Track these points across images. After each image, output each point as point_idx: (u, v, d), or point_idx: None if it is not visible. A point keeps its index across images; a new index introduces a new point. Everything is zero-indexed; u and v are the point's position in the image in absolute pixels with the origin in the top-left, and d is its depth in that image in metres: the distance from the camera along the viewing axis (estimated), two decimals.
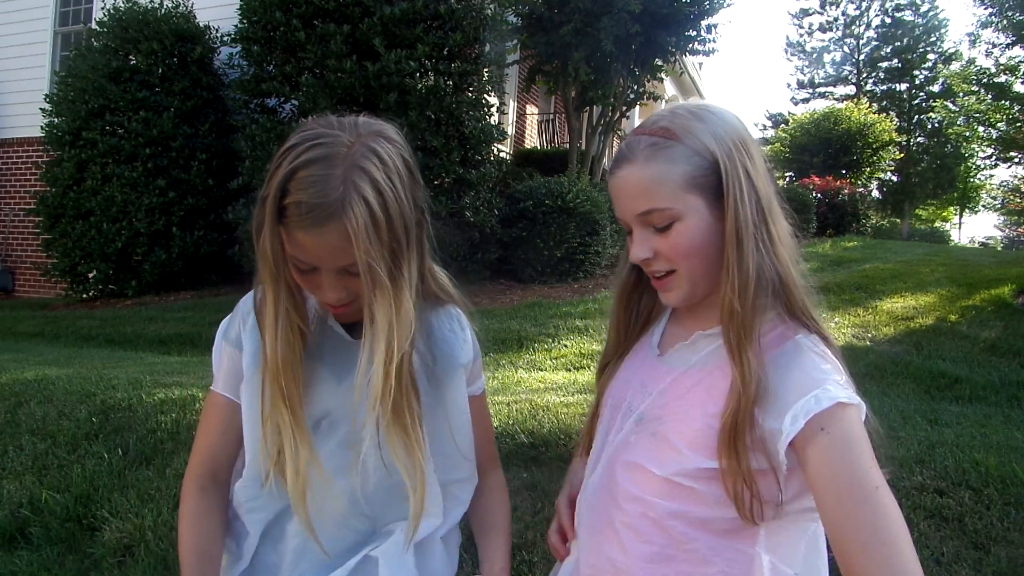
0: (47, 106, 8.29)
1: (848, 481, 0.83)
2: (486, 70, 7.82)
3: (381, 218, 0.93)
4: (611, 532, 0.99)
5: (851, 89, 30.31)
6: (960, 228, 37.90)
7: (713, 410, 0.93)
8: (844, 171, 17.54)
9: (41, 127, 8.34)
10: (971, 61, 19.55)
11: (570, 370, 4.74)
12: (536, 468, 2.68)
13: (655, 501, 0.95)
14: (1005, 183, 30.27)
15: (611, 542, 0.99)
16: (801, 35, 32.23)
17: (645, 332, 1.12)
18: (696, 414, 0.95)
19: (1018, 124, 15.23)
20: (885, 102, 28.20)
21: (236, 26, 7.54)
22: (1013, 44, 14.53)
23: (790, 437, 0.86)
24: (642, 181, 0.93)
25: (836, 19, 30.87)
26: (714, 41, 9.80)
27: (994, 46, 16.44)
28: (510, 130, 11.90)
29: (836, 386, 0.88)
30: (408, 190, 0.98)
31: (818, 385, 0.88)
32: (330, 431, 1.07)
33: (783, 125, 23.63)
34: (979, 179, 29.60)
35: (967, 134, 21.74)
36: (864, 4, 30.06)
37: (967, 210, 33.40)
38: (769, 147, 22.45)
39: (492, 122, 7.76)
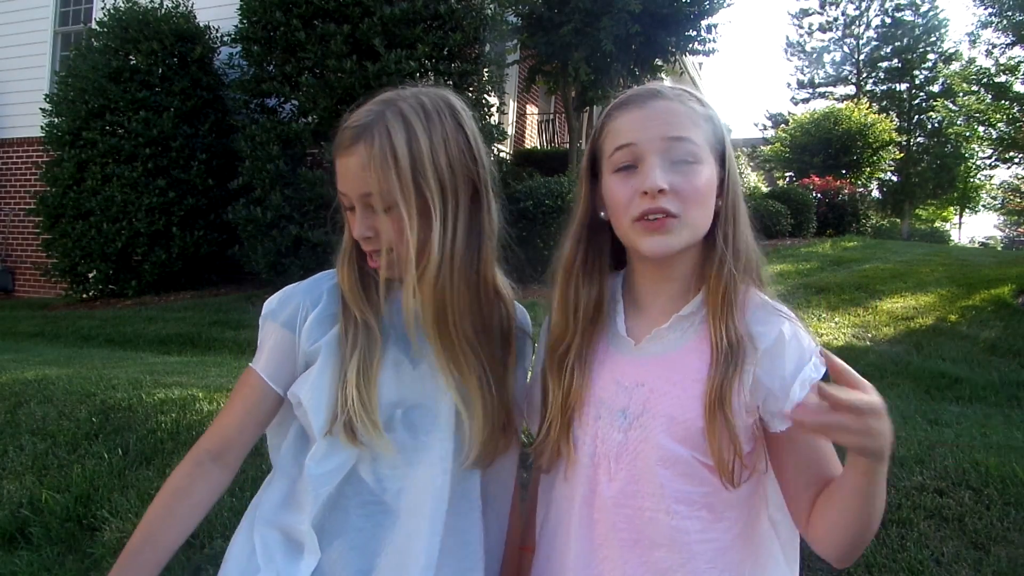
0: (47, 106, 8.28)
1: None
2: (486, 70, 7.81)
3: (404, 155, 1.00)
4: (652, 540, 0.96)
5: (851, 89, 30.29)
6: (960, 228, 37.89)
7: (701, 388, 0.96)
8: (844, 171, 17.53)
9: (41, 127, 8.33)
10: (971, 61, 19.55)
11: None
12: None
13: (703, 489, 0.96)
14: (1005, 183, 30.26)
15: (655, 549, 0.96)
16: (801, 35, 32.24)
17: (599, 320, 1.06)
18: (691, 393, 0.97)
19: (1018, 124, 15.21)
20: (885, 102, 28.17)
21: (236, 26, 7.54)
22: (1013, 44, 14.54)
23: (795, 402, 0.92)
24: (679, 114, 0.97)
25: (836, 19, 30.86)
26: (714, 41, 9.81)
27: (994, 46, 16.46)
28: (510, 130, 11.90)
29: (818, 353, 0.97)
30: (453, 149, 1.04)
31: (811, 352, 0.95)
32: (406, 419, 1.06)
33: (783, 125, 23.62)
34: (979, 179, 29.56)
35: (967, 134, 21.69)
36: (864, 4, 30.04)
37: (967, 210, 33.37)
38: (769, 147, 22.45)
39: (492, 122, 7.76)
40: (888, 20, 29.40)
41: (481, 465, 1.09)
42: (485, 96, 7.78)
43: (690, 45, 9.83)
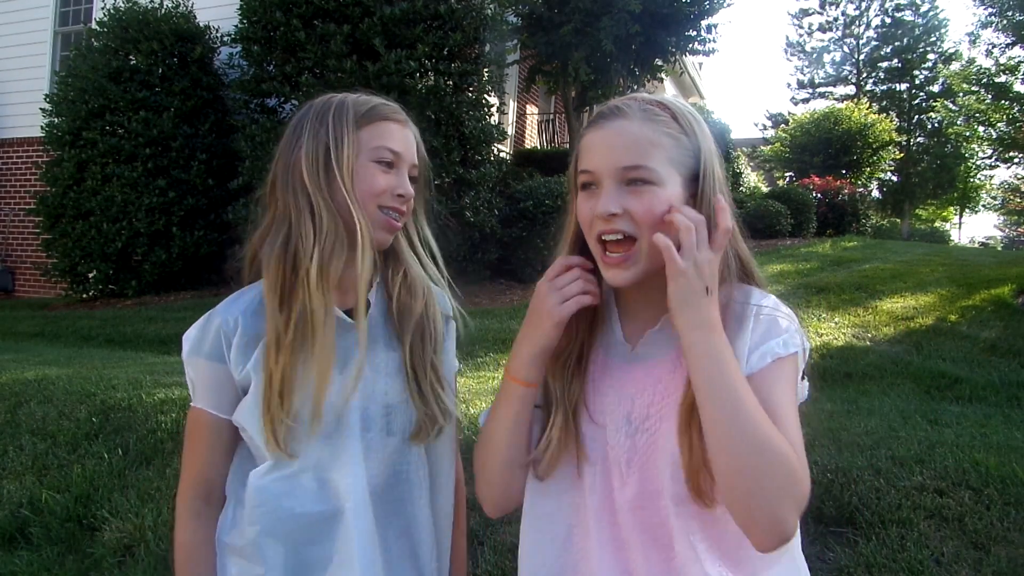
0: (47, 106, 8.29)
1: (783, 404, 0.93)
2: (486, 70, 7.81)
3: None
4: (670, 539, 0.96)
5: (851, 89, 30.27)
6: (960, 228, 37.87)
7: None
8: (844, 171, 17.55)
9: (41, 127, 8.34)
10: (971, 61, 19.52)
11: None
12: None
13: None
14: (1005, 183, 30.25)
15: (673, 548, 0.96)
16: (801, 35, 32.20)
17: (596, 326, 1.07)
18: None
19: (1018, 124, 15.21)
20: (885, 102, 28.16)
21: (236, 26, 7.54)
22: (1013, 44, 14.52)
23: (752, 371, 0.93)
24: (637, 137, 0.96)
25: (836, 19, 30.84)
26: (714, 41, 9.81)
27: (994, 46, 16.43)
28: (510, 130, 11.89)
29: (800, 335, 0.97)
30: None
31: (786, 331, 0.96)
32: (339, 423, 1.11)
33: (783, 125, 23.63)
34: (979, 179, 29.56)
35: (967, 134, 21.69)
36: (864, 4, 30.02)
37: (967, 210, 33.37)
38: (769, 147, 22.45)
39: (492, 122, 7.76)
40: (888, 20, 29.38)
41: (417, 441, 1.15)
42: (485, 96, 7.77)
43: (690, 45, 9.83)
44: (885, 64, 29.39)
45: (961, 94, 18.34)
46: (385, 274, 1.19)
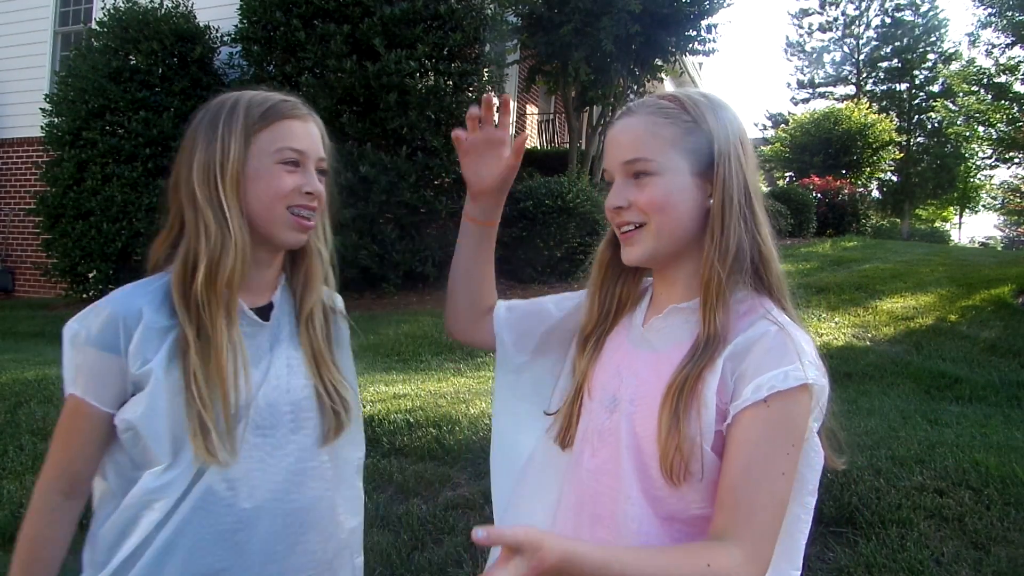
0: (47, 106, 8.29)
1: (761, 457, 0.88)
2: (486, 70, 7.82)
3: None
4: (605, 521, 0.99)
5: (851, 89, 30.27)
6: (960, 228, 37.86)
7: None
8: (844, 171, 17.54)
9: (41, 127, 8.33)
10: (971, 61, 19.49)
11: None
12: None
13: (660, 485, 0.96)
14: (1005, 183, 30.24)
15: (605, 531, 0.98)
16: (801, 35, 32.20)
17: (625, 313, 1.12)
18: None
19: (1018, 124, 15.21)
20: (885, 102, 28.16)
21: (236, 26, 7.55)
22: (1013, 44, 14.52)
23: (746, 404, 0.89)
24: (636, 130, 1.00)
25: (836, 19, 30.83)
26: (714, 41, 9.82)
27: (994, 46, 16.43)
28: (510, 130, 11.89)
29: (808, 366, 0.90)
30: None
31: (792, 362, 0.89)
32: (245, 422, 1.09)
33: (783, 125, 23.61)
34: (979, 179, 29.55)
35: (967, 134, 21.68)
36: (864, 4, 30.02)
37: (967, 210, 33.35)
38: (769, 147, 22.44)
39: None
40: (888, 20, 29.38)
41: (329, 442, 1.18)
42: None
43: (690, 45, 9.83)
44: (885, 64, 29.40)
45: (961, 94, 18.32)
46: (292, 272, 1.20)
